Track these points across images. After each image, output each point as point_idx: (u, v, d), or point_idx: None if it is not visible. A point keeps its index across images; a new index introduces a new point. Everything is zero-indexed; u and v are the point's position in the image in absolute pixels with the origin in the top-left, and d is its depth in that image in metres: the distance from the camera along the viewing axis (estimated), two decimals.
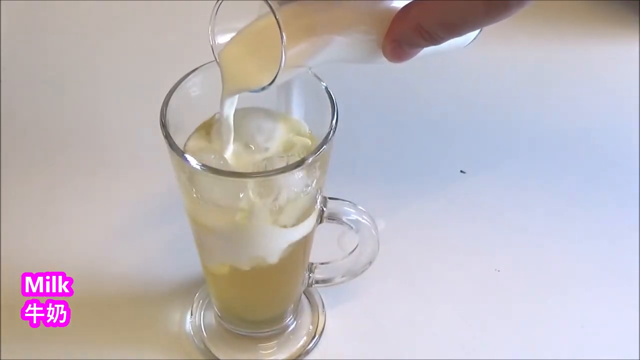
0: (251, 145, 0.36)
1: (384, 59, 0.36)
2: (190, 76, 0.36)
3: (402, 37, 0.34)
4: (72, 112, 0.60)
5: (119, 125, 0.58)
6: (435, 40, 0.33)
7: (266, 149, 0.36)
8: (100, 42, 0.67)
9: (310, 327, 0.46)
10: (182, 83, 0.36)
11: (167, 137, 0.33)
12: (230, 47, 0.34)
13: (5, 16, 0.68)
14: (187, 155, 0.32)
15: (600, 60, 0.67)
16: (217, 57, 0.34)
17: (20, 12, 0.69)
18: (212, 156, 0.35)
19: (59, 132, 0.58)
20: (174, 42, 0.66)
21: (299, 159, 0.33)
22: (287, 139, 0.36)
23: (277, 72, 0.31)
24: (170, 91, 0.35)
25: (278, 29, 0.30)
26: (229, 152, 0.35)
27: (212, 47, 0.33)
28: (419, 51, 0.35)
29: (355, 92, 0.61)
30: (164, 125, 0.34)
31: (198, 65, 0.36)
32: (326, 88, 0.36)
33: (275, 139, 0.36)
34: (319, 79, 0.36)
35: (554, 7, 0.72)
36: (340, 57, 0.35)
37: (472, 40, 0.41)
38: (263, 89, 0.33)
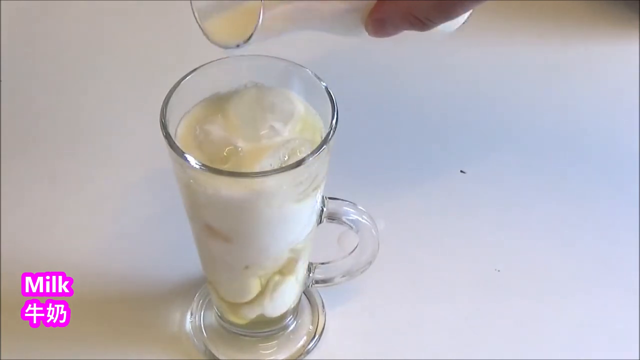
0: (259, 123, 0.36)
1: (365, 33, 0.35)
2: (190, 76, 0.36)
3: (388, 19, 0.33)
4: (72, 112, 0.60)
5: (119, 125, 0.58)
6: (426, 26, 0.32)
7: (271, 127, 0.35)
8: (100, 42, 0.67)
9: (310, 327, 0.46)
10: (182, 83, 0.36)
11: (167, 137, 0.33)
12: (216, 18, 0.34)
13: (5, 16, 0.68)
14: (187, 155, 0.33)
15: (600, 60, 0.67)
16: (198, 20, 0.34)
17: (20, 12, 0.69)
18: (214, 129, 0.35)
19: (59, 132, 0.58)
20: (174, 42, 0.66)
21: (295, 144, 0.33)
22: (299, 123, 0.36)
23: (253, 31, 0.32)
24: (170, 91, 0.35)
25: None
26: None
27: (192, 10, 0.34)
28: (402, 31, 0.34)
29: (355, 92, 0.61)
30: (164, 125, 0.34)
31: (198, 65, 0.36)
32: (326, 88, 0.36)
33: (287, 121, 0.36)
34: (319, 79, 0.36)
35: (554, 7, 0.72)
36: (320, 28, 0.35)
37: (463, 23, 0.40)
38: (238, 46, 0.33)
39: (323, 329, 0.46)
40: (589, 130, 0.60)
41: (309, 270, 0.44)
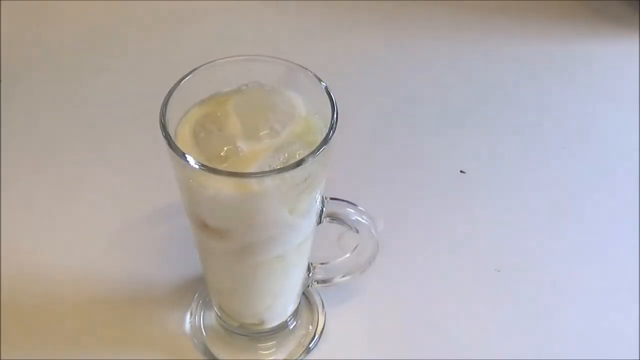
0: (259, 123, 0.35)
1: None
2: (190, 76, 0.36)
3: None
4: (72, 113, 0.60)
5: (118, 126, 0.59)
6: None
7: (271, 128, 0.35)
8: (100, 42, 0.67)
9: (310, 327, 0.46)
10: (182, 83, 0.36)
11: (167, 137, 0.33)
12: None
13: (5, 16, 0.68)
14: (187, 155, 0.33)
15: (600, 60, 0.67)
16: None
17: (20, 12, 0.69)
18: (214, 128, 0.35)
19: (59, 133, 0.58)
20: (174, 42, 0.66)
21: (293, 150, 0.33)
22: (299, 124, 0.36)
23: None
24: (170, 91, 0.35)
25: None
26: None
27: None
28: None
29: (355, 92, 0.61)
30: (163, 126, 0.34)
31: (198, 65, 0.36)
32: (326, 88, 0.36)
33: (287, 122, 0.36)
34: (319, 79, 0.36)
35: (554, 7, 0.72)
36: None
37: None
38: None
39: (323, 329, 0.46)
40: (589, 130, 0.60)
41: (309, 270, 0.44)
